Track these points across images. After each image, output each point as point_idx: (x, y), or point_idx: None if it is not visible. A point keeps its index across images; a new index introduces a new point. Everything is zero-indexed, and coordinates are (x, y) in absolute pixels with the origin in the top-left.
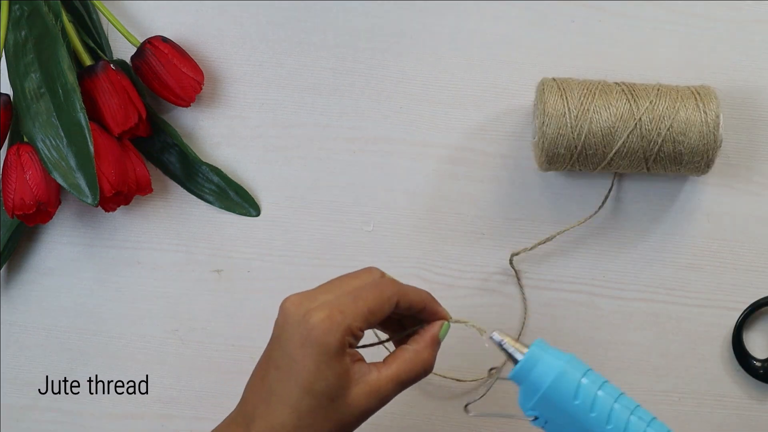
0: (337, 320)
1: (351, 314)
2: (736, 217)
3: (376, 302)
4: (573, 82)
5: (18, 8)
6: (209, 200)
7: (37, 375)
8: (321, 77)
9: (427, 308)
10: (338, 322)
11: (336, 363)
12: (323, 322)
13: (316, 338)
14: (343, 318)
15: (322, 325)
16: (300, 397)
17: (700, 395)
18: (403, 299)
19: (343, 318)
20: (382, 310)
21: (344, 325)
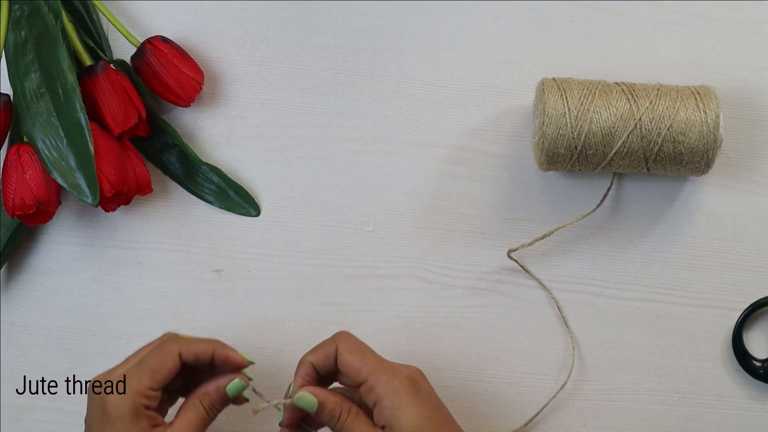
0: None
1: (136, 379)
2: (736, 217)
3: (157, 361)
4: (573, 82)
5: (18, 8)
6: (209, 200)
7: (37, 375)
8: (321, 77)
9: (216, 355)
10: (126, 390)
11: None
12: (112, 395)
13: (110, 411)
14: (129, 385)
15: (112, 398)
16: None
17: (700, 395)
18: (185, 351)
19: (129, 385)
20: (165, 366)
21: (131, 391)
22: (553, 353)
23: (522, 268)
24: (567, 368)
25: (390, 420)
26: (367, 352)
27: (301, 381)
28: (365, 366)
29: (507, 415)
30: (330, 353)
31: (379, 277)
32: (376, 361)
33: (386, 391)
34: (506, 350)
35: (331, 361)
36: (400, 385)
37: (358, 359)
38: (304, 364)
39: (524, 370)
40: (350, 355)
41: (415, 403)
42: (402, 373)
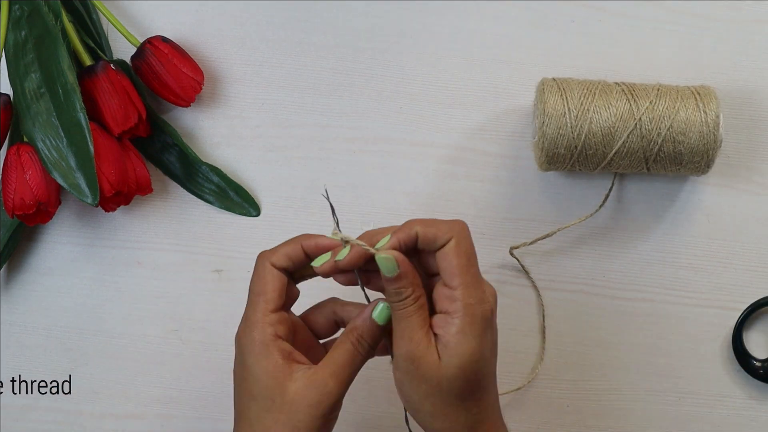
0: (245, 326)
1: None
2: (736, 217)
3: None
4: (573, 82)
5: (18, 8)
6: (209, 200)
7: (37, 375)
8: (321, 77)
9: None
10: (248, 325)
11: (264, 360)
12: (239, 336)
13: (242, 348)
14: (247, 320)
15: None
16: (247, 406)
17: (700, 395)
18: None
19: (247, 320)
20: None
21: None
22: (554, 353)
23: (521, 266)
24: (567, 368)
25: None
26: (472, 260)
27: (397, 242)
28: (463, 275)
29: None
30: (440, 239)
31: None
32: (474, 276)
33: (465, 312)
34: (506, 350)
35: (434, 245)
36: (483, 315)
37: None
38: (409, 230)
39: (524, 369)
40: (457, 256)
41: (483, 336)
42: (488, 303)
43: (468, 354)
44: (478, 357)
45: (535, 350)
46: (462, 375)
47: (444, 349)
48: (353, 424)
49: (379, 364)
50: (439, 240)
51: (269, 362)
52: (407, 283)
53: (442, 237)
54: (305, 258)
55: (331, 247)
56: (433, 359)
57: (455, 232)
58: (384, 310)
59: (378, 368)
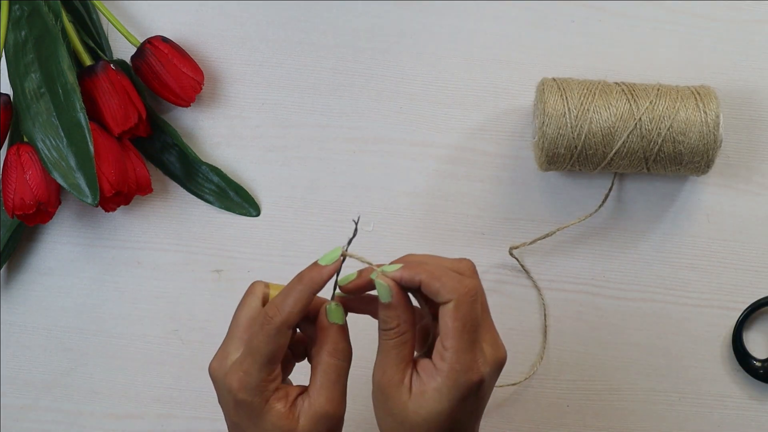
0: (248, 382)
1: (253, 369)
2: (736, 217)
3: (266, 347)
4: (573, 82)
5: (18, 8)
6: (209, 200)
7: (37, 375)
8: (321, 77)
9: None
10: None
11: (268, 416)
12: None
13: (242, 401)
14: (249, 378)
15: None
16: None
17: (700, 395)
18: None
19: (249, 378)
20: (279, 346)
21: (254, 382)
22: (554, 353)
23: (521, 266)
24: (568, 368)
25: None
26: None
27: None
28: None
29: (506, 414)
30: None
31: None
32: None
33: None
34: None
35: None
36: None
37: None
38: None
39: (524, 369)
40: (453, 321)
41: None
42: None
43: (436, 413)
44: (447, 420)
45: (535, 350)
46: (426, 427)
47: (418, 394)
48: (353, 424)
49: None
50: (440, 298)
51: (274, 415)
52: (395, 315)
53: (443, 296)
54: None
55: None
56: (401, 399)
57: (459, 293)
58: (334, 309)
59: None
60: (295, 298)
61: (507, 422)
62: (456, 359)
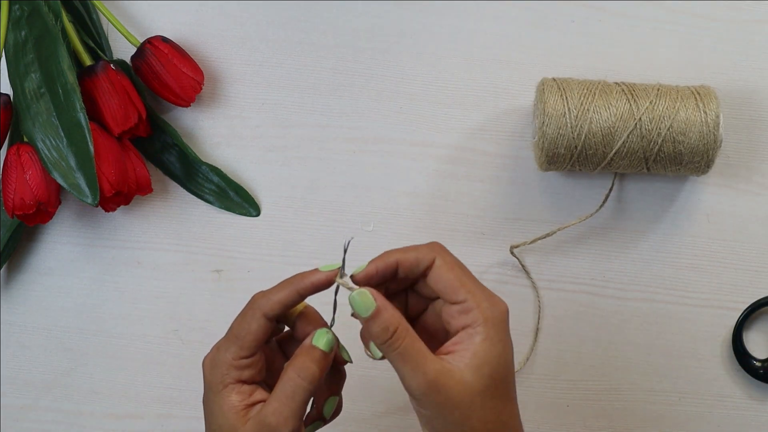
0: (215, 358)
1: (224, 350)
2: (736, 217)
3: (240, 326)
4: (573, 82)
5: (18, 8)
6: (209, 200)
7: (37, 375)
8: (321, 77)
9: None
10: (216, 360)
11: (221, 400)
12: (206, 365)
13: (206, 382)
14: (219, 357)
15: (206, 368)
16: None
17: (700, 395)
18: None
19: (219, 357)
20: (249, 330)
21: (220, 363)
22: (553, 353)
23: (521, 265)
24: (567, 368)
25: (477, 349)
26: (465, 270)
27: (374, 269)
28: (465, 286)
29: None
30: (422, 261)
31: None
32: (475, 283)
33: (485, 318)
34: None
35: (419, 269)
36: (500, 317)
37: (458, 276)
38: (387, 259)
39: (523, 369)
40: (450, 270)
41: (506, 340)
42: (502, 304)
43: (497, 360)
44: (505, 361)
45: (535, 350)
46: (494, 383)
47: (471, 362)
48: (353, 424)
49: (378, 363)
50: (422, 262)
51: (226, 403)
52: (389, 315)
53: (424, 258)
54: (299, 300)
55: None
56: (458, 380)
57: (436, 251)
58: (323, 336)
59: (378, 368)
60: (282, 291)
61: None
62: (480, 300)
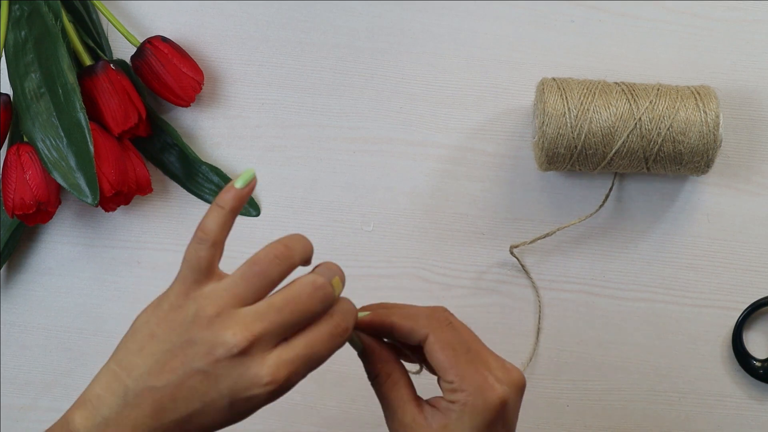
0: None
1: None
2: (736, 217)
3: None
4: (573, 82)
5: (18, 8)
6: (209, 200)
7: (37, 375)
8: (321, 77)
9: None
10: None
11: None
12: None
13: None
14: None
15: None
16: None
17: (700, 395)
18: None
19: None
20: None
21: None
22: (554, 353)
23: (521, 265)
24: (567, 368)
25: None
26: (460, 349)
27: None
28: (455, 368)
29: None
30: (416, 335)
31: (379, 277)
32: (468, 365)
33: (465, 403)
34: (506, 350)
35: (411, 339)
36: (486, 407)
37: (449, 357)
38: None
39: (524, 369)
40: (441, 351)
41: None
42: (493, 393)
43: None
44: None
45: (535, 350)
46: None
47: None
48: (354, 424)
49: None
50: (416, 335)
51: None
52: (375, 360)
53: (418, 332)
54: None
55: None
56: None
57: (432, 327)
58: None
59: None
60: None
61: None
62: (465, 385)
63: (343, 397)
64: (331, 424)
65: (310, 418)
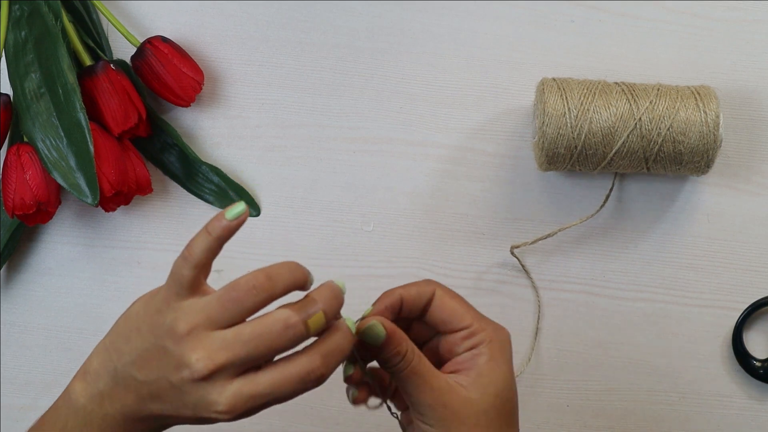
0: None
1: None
2: (736, 217)
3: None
4: (573, 82)
5: (18, 8)
6: (209, 200)
7: (37, 375)
8: (321, 77)
9: None
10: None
11: None
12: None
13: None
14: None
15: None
16: None
17: (700, 395)
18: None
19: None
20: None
21: None
22: (553, 353)
23: (521, 265)
24: (567, 368)
25: (482, 369)
26: (464, 300)
27: (383, 308)
28: (470, 311)
29: None
30: (423, 293)
31: (379, 277)
32: (477, 311)
33: (491, 339)
34: None
35: (421, 301)
36: (505, 341)
37: (461, 303)
38: (391, 295)
39: (523, 369)
40: (453, 299)
41: (510, 362)
42: (505, 331)
43: (502, 380)
44: (510, 382)
45: (535, 350)
46: (499, 404)
47: (477, 380)
48: (353, 425)
49: None
50: (424, 295)
51: None
52: (398, 339)
53: (425, 291)
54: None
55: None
56: (464, 397)
57: (434, 284)
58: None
59: None
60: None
61: None
62: (484, 325)
63: (344, 397)
64: (331, 424)
65: (310, 418)
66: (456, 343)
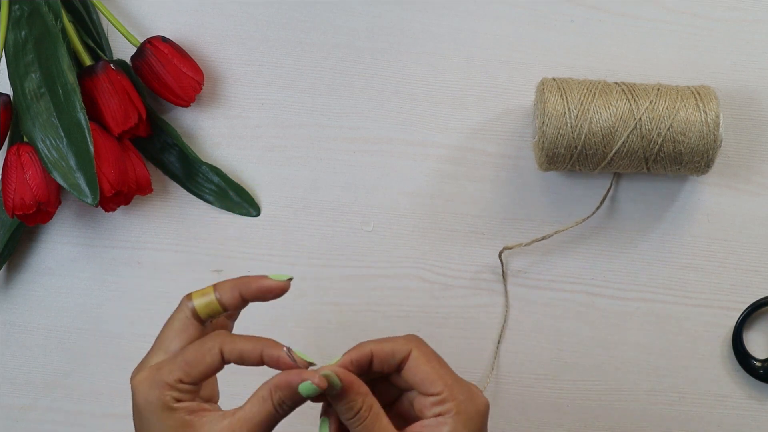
0: (153, 378)
1: (167, 370)
2: (736, 217)
3: (195, 355)
4: (573, 82)
5: (18, 8)
6: (209, 200)
7: (37, 375)
8: (321, 77)
9: (265, 357)
10: (154, 380)
11: (167, 418)
12: (142, 384)
13: (140, 404)
14: (159, 376)
15: (142, 387)
16: None
17: (700, 395)
18: (228, 349)
19: (159, 376)
20: (203, 361)
21: (160, 383)
22: (553, 353)
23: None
24: (567, 368)
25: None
26: (443, 363)
27: (349, 360)
28: (443, 378)
29: (506, 415)
30: (398, 352)
31: (379, 277)
32: (454, 376)
33: (458, 411)
34: (506, 350)
35: (395, 360)
36: (476, 412)
37: (435, 368)
38: (361, 349)
39: (523, 370)
40: (427, 363)
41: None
42: (480, 400)
43: None
44: None
45: (534, 351)
46: None
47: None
48: None
49: None
50: (398, 354)
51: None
52: (354, 393)
53: (400, 350)
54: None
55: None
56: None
57: (413, 344)
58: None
59: None
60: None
61: (507, 422)
62: (455, 393)
63: None
64: None
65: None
66: (426, 406)
